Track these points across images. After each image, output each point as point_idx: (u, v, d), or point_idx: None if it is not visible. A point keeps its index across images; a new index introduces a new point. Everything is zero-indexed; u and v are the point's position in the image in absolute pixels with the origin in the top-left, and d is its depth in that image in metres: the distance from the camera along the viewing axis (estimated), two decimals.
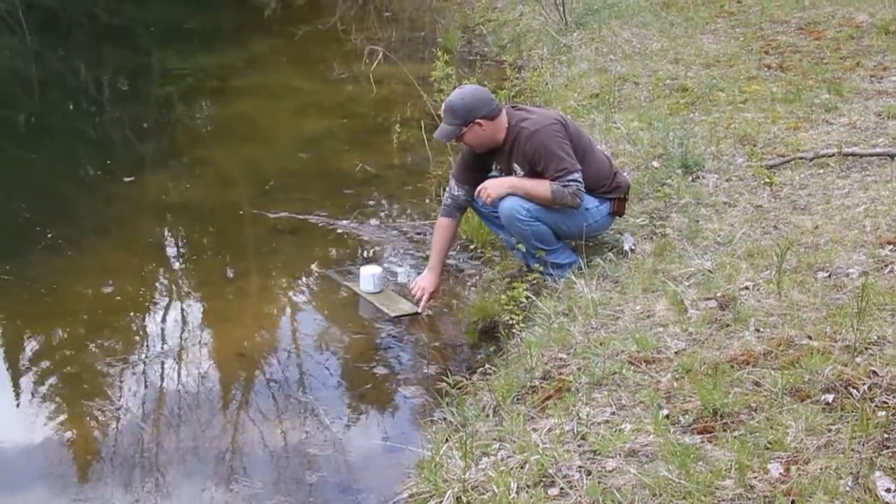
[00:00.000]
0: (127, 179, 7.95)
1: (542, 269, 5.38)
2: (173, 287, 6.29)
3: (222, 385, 5.09)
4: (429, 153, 7.45)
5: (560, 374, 4.16)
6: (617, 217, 5.63)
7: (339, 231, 6.86)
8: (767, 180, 5.90)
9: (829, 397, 3.46)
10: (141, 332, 5.67)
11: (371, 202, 7.55)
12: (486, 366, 4.83)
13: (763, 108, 7.40)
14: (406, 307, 5.81)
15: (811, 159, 6.17)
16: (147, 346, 5.49)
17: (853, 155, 6.13)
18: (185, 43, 14.33)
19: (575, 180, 5.23)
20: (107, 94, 12.11)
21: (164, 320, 5.79)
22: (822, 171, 6.02)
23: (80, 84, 12.38)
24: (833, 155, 6.14)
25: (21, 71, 12.89)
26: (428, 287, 5.69)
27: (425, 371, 5.11)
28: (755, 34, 9.90)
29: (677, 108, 7.71)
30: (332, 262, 6.46)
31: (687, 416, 3.52)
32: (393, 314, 5.75)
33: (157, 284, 6.31)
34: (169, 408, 4.85)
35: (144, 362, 5.28)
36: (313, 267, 6.41)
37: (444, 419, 4.30)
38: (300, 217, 7.04)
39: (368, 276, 5.99)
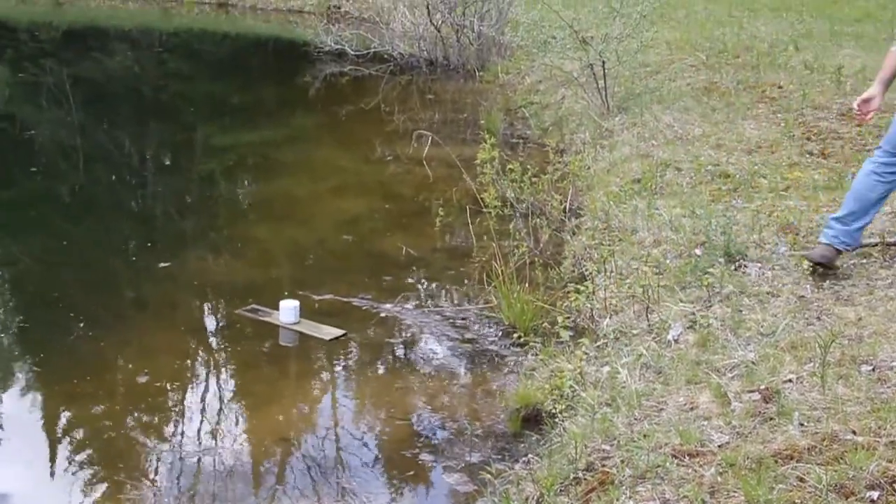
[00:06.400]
0: (164, 265, 7.96)
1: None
2: (214, 368, 6.33)
3: (264, 469, 5.11)
4: (472, 237, 7.44)
5: (603, 465, 4.16)
6: None
7: (382, 315, 6.91)
8: (810, 270, 5.90)
9: (874, 494, 3.45)
10: (181, 414, 5.70)
11: (413, 285, 7.61)
12: (529, 455, 4.83)
13: (805, 196, 7.41)
14: (333, 331, 6.52)
15: (854, 249, 6.17)
16: (187, 427, 5.53)
17: None
18: (229, 119, 14.60)
19: None
20: (150, 168, 12.31)
21: (204, 401, 5.84)
22: (864, 260, 6.02)
23: (124, 158, 12.57)
24: (876, 245, 6.14)
25: (66, 143, 13.12)
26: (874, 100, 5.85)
27: (468, 458, 5.11)
28: (797, 120, 9.92)
29: (719, 195, 7.73)
30: (373, 346, 6.50)
31: None
32: (328, 338, 6.38)
33: (197, 365, 6.37)
34: (208, 491, 4.87)
35: (184, 444, 5.32)
36: (353, 366, 6.44)
37: None
38: (344, 300, 7.11)
39: (290, 309, 6.60)
